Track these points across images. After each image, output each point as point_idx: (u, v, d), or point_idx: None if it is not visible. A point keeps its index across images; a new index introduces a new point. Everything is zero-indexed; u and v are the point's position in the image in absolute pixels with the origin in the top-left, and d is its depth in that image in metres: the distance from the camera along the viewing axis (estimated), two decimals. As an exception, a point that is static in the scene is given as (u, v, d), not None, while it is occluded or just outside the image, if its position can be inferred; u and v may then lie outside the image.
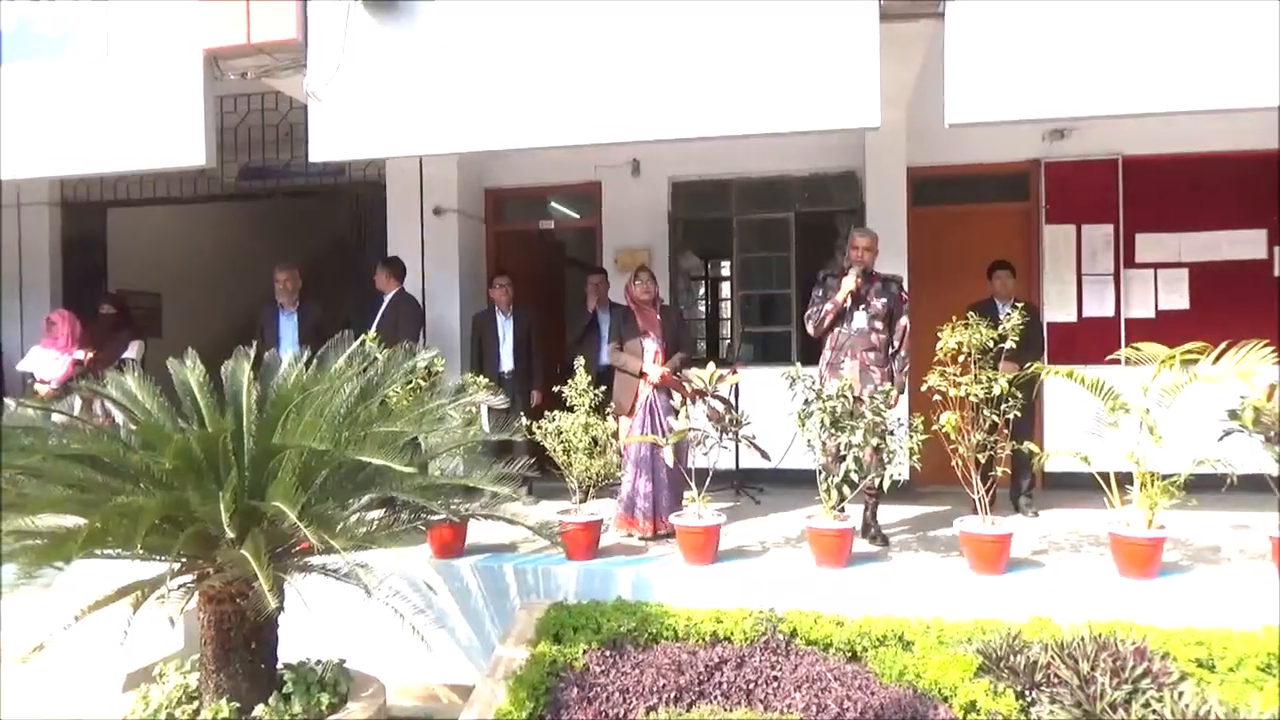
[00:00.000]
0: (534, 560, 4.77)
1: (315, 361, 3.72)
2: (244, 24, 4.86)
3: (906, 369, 5.14)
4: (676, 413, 4.97)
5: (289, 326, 6.51)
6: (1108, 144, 6.75)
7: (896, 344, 5.15)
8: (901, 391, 5.04)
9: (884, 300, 5.15)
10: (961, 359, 4.47)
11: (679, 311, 6.22)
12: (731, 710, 3.33)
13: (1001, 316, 4.75)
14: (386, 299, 6.54)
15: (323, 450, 3.11)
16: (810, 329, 5.29)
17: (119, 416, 3.84)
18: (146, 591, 3.05)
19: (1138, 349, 4.44)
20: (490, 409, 4.96)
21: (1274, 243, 6.64)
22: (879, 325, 5.13)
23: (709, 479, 4.81)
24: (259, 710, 3.27)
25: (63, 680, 3.99)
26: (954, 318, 4.58)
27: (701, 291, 11.49)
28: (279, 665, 3.52)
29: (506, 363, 6.54)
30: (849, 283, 5.09)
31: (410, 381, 4.42)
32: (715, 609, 4.03)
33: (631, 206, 7.53)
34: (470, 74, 4.70)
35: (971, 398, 4.42)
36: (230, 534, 2.88)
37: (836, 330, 5.17)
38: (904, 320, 5.18)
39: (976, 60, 4.14)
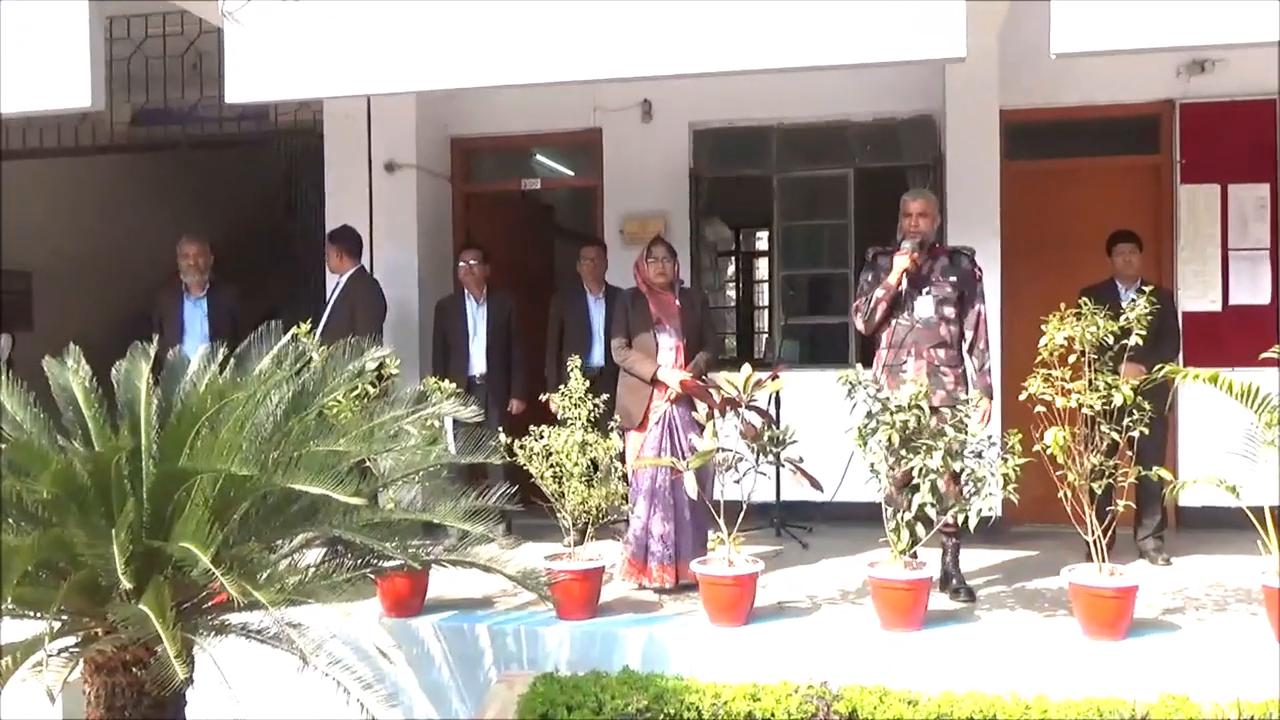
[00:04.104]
0: (515, 619, 4.79)
1: (233, 361, 3.74)
2: (141, -76, 4.91)
3: (989, 366, 5.12)
4: (701, 428, 4.98)
5: (197, 315, 6.56)
6: (1262, 80, 6.70)
7: (972, 336, 5.14)
8: (991, 398, 5.04)
9: (953, 279, 5.13)
10: (1072, 359, 4.47)
11: (704, 297, 6.24)
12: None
13: (1124, 304, 4.76)
14: (340, 282, 6.56)
15: (244, 476, 3.14)
16: (860, 324, 5.30)
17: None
18: (19, 658, 3.06)
19: (1303, 346, 4.44)
20: (458, 423, 4.98)
21: None
22: (949, 312, 5.10)
23: (742, 514, 4.82)
24: (161, 811, 3.31)
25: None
26: (1062, 305, 4.58)
27: (732, 271, 11.47)
28: (187, 753, 3.55)
29: (479, 363, 6.56)
30: (902, 260, 5.07)
31: (357, 388, 4.44)
32: (751, 683, 4.03)
33: (642, 161, 7.56)
34: (434, -11, 4.72)
35: (1085, 410, 4.42)
36: (126, 584, 2.90)
37: (894, 322, 5.14)
38: (979, 305, 5.17)
39: (1092, -30, 4.13)
